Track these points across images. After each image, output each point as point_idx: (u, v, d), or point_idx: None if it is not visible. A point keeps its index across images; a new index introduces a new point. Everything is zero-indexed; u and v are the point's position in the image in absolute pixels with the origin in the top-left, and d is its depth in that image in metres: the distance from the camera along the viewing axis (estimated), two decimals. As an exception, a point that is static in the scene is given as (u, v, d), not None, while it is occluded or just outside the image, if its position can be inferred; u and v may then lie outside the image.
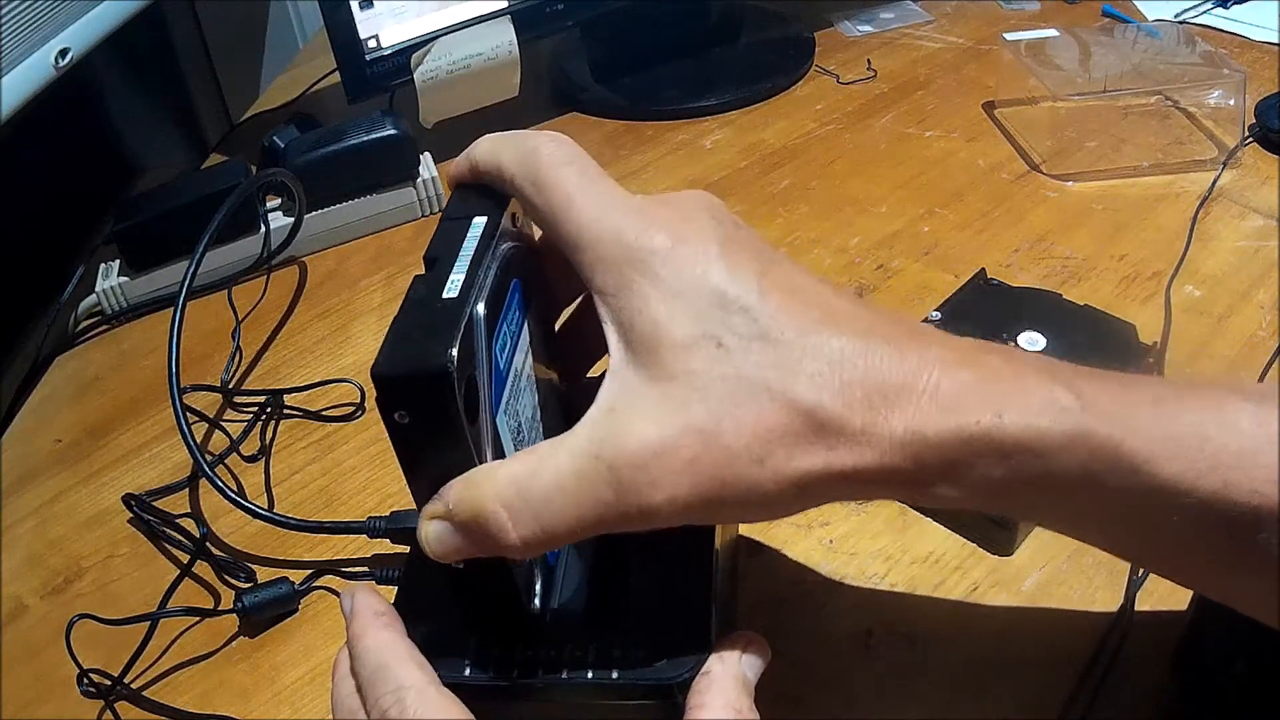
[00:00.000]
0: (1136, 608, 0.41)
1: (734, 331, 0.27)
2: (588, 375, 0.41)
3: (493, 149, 0.34)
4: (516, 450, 0.33)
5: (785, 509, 0.28)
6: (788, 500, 0.27)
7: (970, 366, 0.27)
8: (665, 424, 0.27)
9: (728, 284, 0.28)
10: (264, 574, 0.48)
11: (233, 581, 0.48)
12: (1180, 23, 0.83)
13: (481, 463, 0.30)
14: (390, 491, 0.51)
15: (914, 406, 0.26)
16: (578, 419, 0.39)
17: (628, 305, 0.28)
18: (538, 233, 0.35)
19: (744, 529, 0.46)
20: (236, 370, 0.61)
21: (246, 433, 0.56)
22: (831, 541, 0.46)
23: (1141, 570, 0.42)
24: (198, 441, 0.52)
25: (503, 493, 0.28)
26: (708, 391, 0.27)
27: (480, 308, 0.31)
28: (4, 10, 0.57)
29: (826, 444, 0.26)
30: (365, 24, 0.71)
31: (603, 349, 0.29)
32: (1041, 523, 0.30)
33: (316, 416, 0.57)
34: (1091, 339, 0.48)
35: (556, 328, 0.38)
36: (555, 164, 0.32)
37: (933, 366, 0.27)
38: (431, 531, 0.30)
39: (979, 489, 0.27)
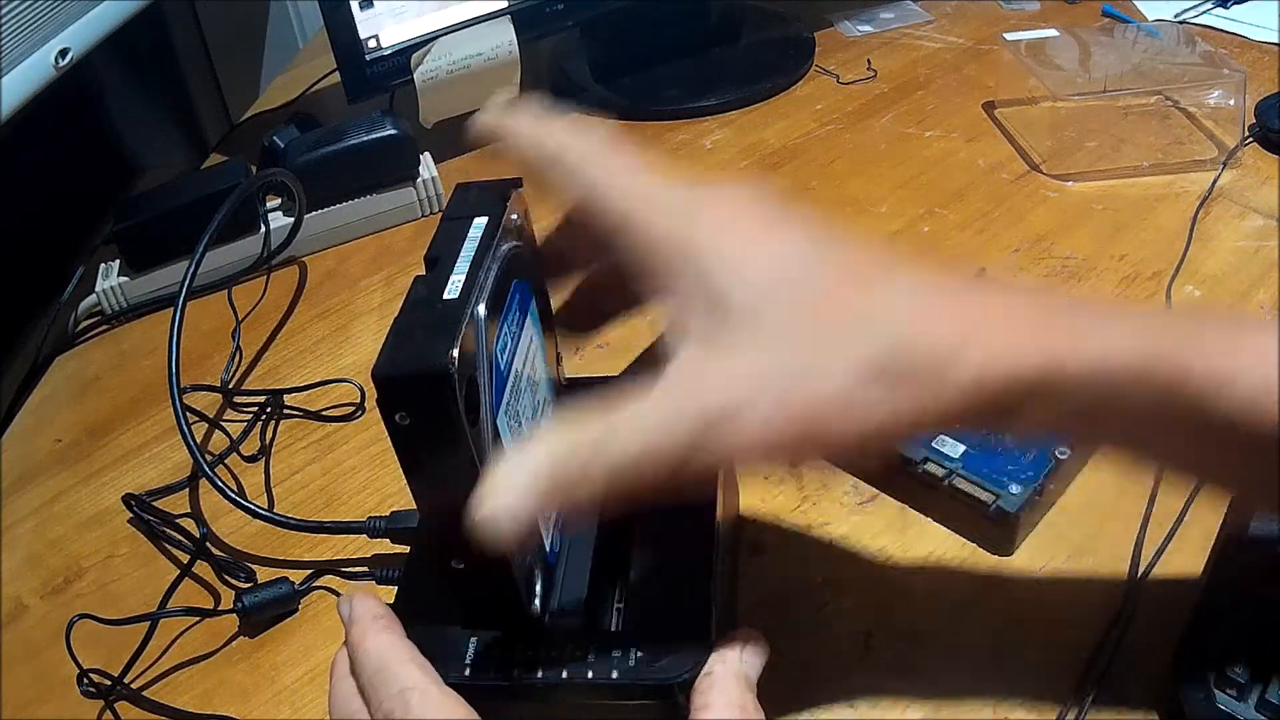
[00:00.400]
0: (1136, 607, 0.41)
1: (801, 286, 0.29)
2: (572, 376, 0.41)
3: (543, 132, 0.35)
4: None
5: (863, 451, 0.29)
6: (869, 442, 0.28)
7: (1037, 306, 0.29)
8: (750, 370, 0.28)
9: (789, 253, 0.30)
10: (264, 574, 0.48)
11: (233, 581, 0.48)
12: (1180, 23, 0.83)
13: (482, 464, 0.30)
14: (390, 491, 0.51)
15: (985, 346, 0.27)
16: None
17: (673, 302, 0.30)
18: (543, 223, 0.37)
19: (743, 530, 0.46)
20: (236, 370, 0.61)
21: (246, 433, 0.56)
22: (831, 541, 0.46)
23: (1141, 570, 0.42)
24: (198, 441, 0.52)
25: (586, 439, 0.29)
26: (785, 340, 0.28)
27: (481, 308, 0.31)
28: (4, 10, 0.57)
29: (908, 387, 0.27)
30: (365, 24, 0.71)
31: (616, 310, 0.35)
32: (1112, 450, 0.31)
33: (316, 416, 0.57)
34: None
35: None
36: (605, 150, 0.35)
37: (1000, 307, 0.29)
38: (510, 479, 0.29)
39: (1054, 421, 0.28)
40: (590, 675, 0.32)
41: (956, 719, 0.39)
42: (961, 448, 0.45)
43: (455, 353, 0.28)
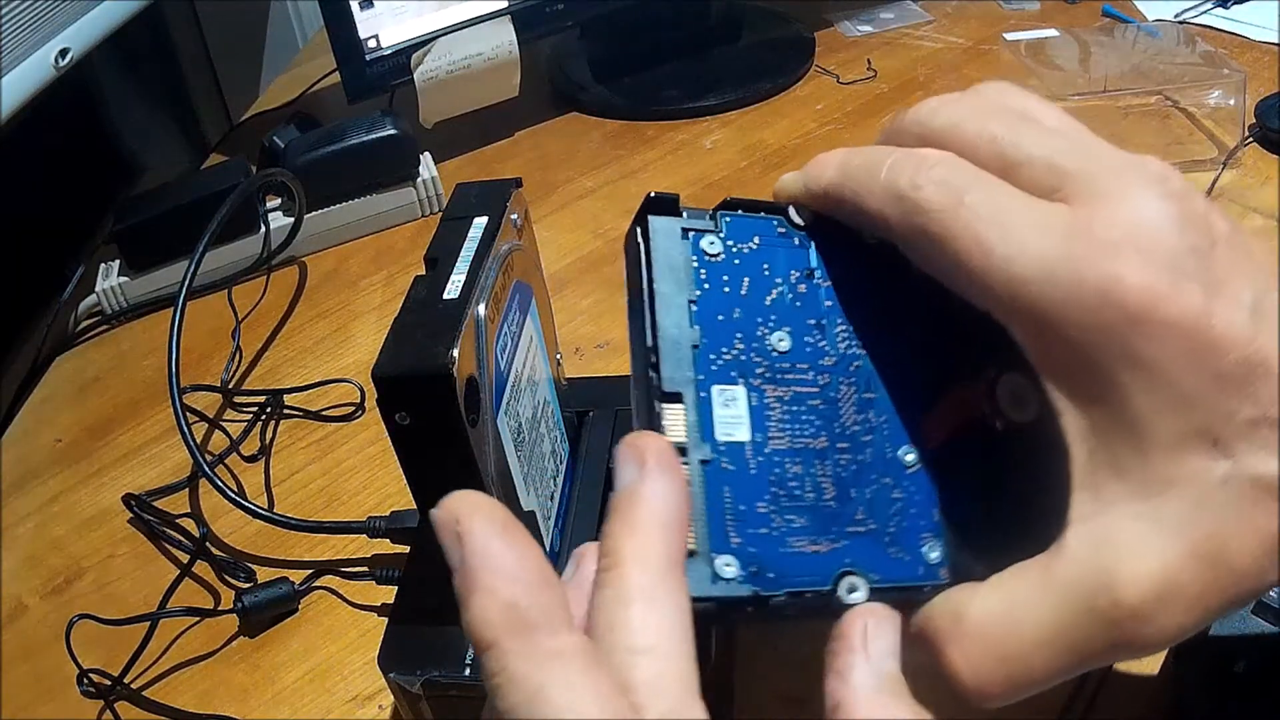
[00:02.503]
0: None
1: (1231, 419, 0.21)
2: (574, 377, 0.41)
3: (849, 182, 0.27)
4: (517, 453, 0.33)
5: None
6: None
7: None
8: (1164, 554, 0.21)
9: (1221, 355, 0.21)
10: (264, 574, 0.48)
11: (233, 581, 0.48)
12: (1180, 23, 0.83)
13: (482, 464, 0.30)
14: (390, 491, 0.51)
15: None
16: (580, 422, 0.39)
17: (1099, 395, 0.22)
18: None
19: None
20: (236, 370, 0.61)
21: (246, 433, 0.56)
22: (831, 542, 0.46)
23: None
24: (198, 441, 0.52)
25: (974, 647, 0.24)
26: (1206, 503, 0.21)
27: (481, 309, 0.31)
28: (4, 10, 0.57)
29: None
30: (365, 24, 0.71)
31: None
32: None
33: (316, 416, 0.57)
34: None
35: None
36: (950, 202, 0.24)
37: None
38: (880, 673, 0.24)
39: None
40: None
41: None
42: None
43: (455, 353, 0.28)
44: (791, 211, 0.28)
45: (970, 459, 0.25)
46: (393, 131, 0.69)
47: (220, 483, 0.48)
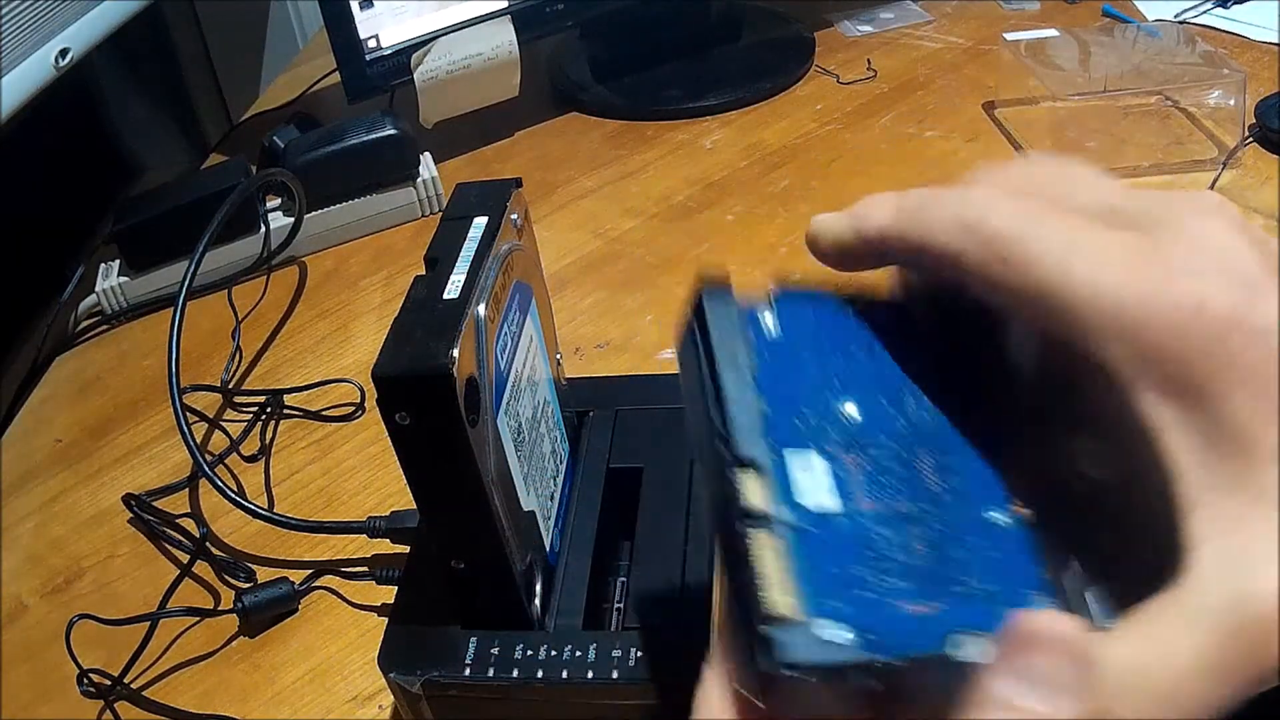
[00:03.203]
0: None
1: None
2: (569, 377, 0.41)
3: (911, 219, 0.26)
4: (517, 453, 0.33)
5: None
6: None
7: None
8: None
9: None
10: (264, 574, 0.48)
11: (233, 581, 0.48)
12: (1180, 23, 0.83)
13: (482, 465, 0.30)
14: (390, 491, 0.51)
15: None
16: (580, 422, 0.39)
17: (1201, 407, 0.22)
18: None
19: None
20: (236, 370, 0.61)
21: (246, 433, 0.56)
22: (831, 542, 0.46)
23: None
24: (198, 441, 0.52)
25: (1132, 696, 0.22)
26: None
27: (481, 309, 0.31)
28: (4, 10, 0.57)
29: None
30: (365, 24, 0.71)
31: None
32: None
33: (316, 416, 0.57)
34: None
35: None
36: (1026, 228, 0.23)
37: None
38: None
39: None
40: (590, 675, 0.32)
41: None
42: None
43: (455, 353, 0.28)
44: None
45: (1060, 512, 0.25)
46: (393, 131, 0.69)
47: (220, 483, 0.48)
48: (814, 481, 0.23)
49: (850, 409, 0.25)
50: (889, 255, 0.26)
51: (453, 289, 0.31)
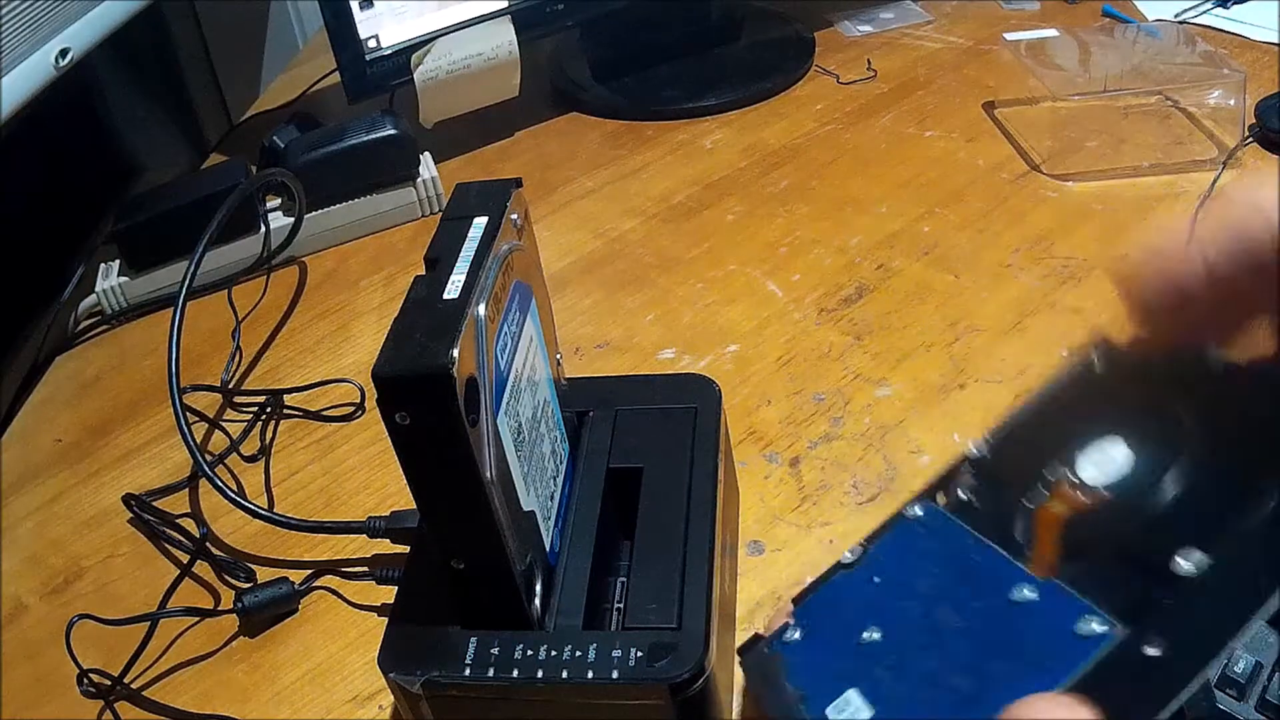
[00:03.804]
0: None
1: None
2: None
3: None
4: (517, 453, 0.33)
5: None
6: None
7: None
8: None
9: None
10: (264, 574, 0.48)
11: (233, 581, 0.48)
12: (1180, 23, 0.83)
13: (482, 465, 0.30)
14: (390, 491, 0.51)
15: None
16: (580, 422, 0.39)
17: None
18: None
19: (743, 530, 0.46)
20: (236, 370, 0.61)
21: (246, 433, 0.56)
22: (832, 541, 0.46)
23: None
24: (198, 441, 0.52)
25: None
26: None
27: (481, 309, 0.31)
28: (4, 10, 0.57)
29: None
30: (365, 24, 0.71)
31: None
32: None
33: (316, 416, 0.57)
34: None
35: None
36: None
37: None
38: None
39: None
40: (590, 675, 0.32)
41: None
42: None
43: (455, 353, 0.28)
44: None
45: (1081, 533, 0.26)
46: (393, 131, 0.69)
47: (220, 483, 0.48)
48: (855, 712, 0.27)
49: (871, 635, 0.29)
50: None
51: (453, 289, 0.31)
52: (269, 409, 0.57)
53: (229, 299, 0.64)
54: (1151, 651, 0.23)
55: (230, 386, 0.59)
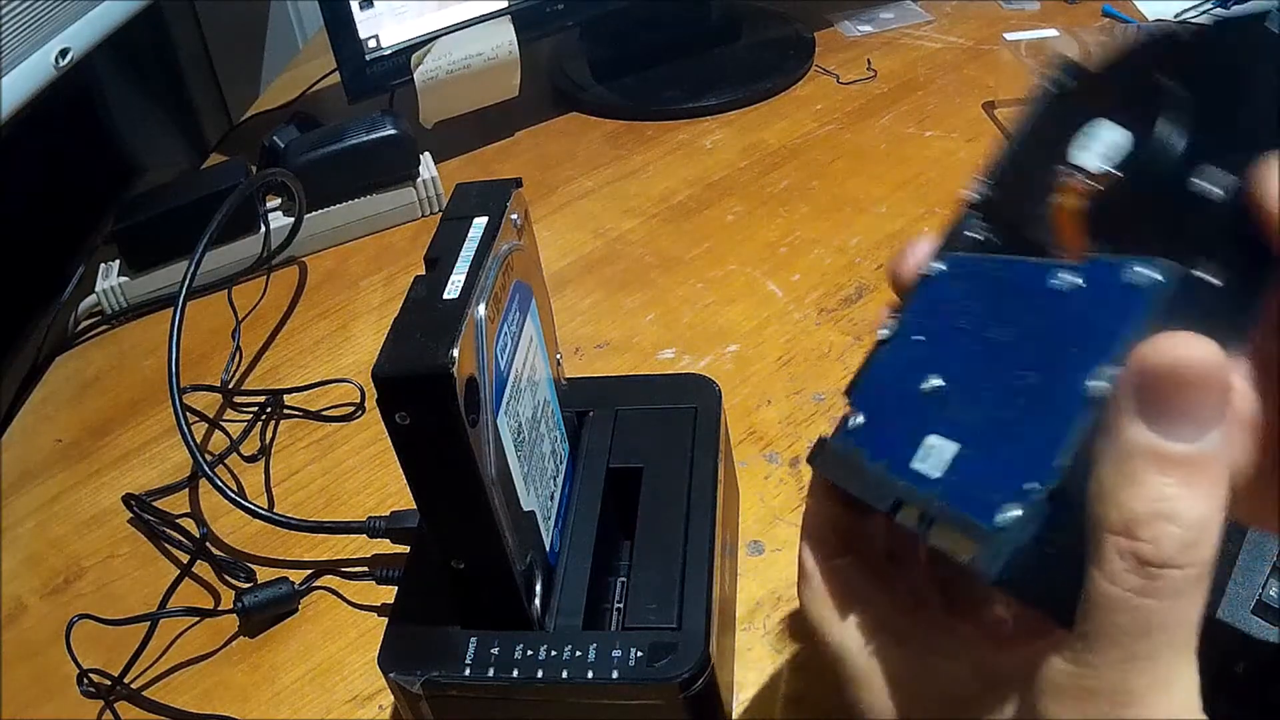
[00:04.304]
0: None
1: None
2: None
3: None
4: (517, 453, 0.33)
5: None
6: None
7: None
8: None
9: None
10: (264, 574, 0.48)
11: (233, 581, 0.48)
12: (1180, 23, 0.83)
13: (482, 465, 0.30)
14: (390, 491, 0.51)
15: None
16: (580, 422, 0.39)
17: None
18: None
19: (743, 530, 0.46)
20: (236, 370, 0.61)
21: (246, 433, 0.56)
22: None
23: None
24: (198, 441, 0.52)
25: None
26: None
27: (481, 309, 0.31)
28: (4, 10, 0.57)
29: None
30: (365, 24, 0.71)
31: None
32: None
33: (316, 416, 0.57)
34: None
35: None
36: None
37: None
38: None
39: None
40: (590, 675, 0.32)
41: (956, 719, 0.39)
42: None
43: (455, 353, 0.28)
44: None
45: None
46: (393, 131, 0.69)
47: (220, 483, 0.48)
48: (938, 454, 0.26)
49: (929, 382, 0.27)
50: None
51: (453, 289, 0.31)
52: (269, 409, 0.57)
53: (229, 299, 0.64)
54: (1212, 280, 0.22)
55: (230, 386, 0.59)
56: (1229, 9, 0.83)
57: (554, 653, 0.33)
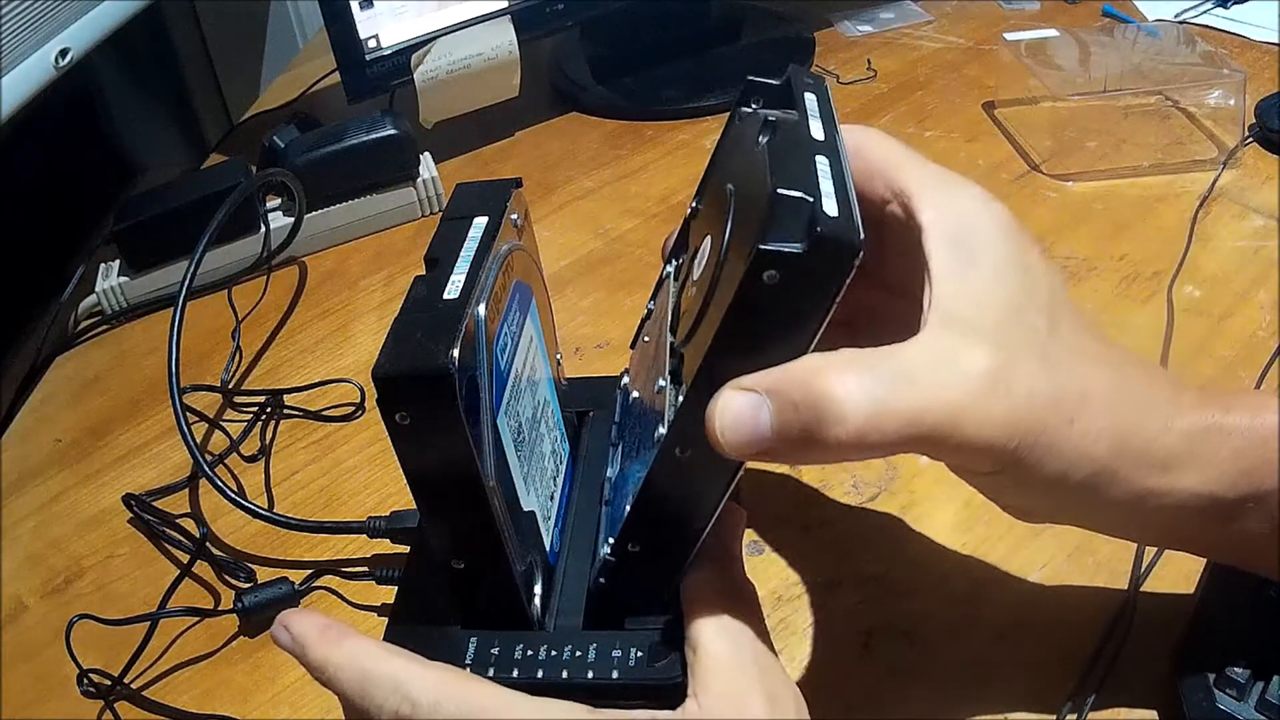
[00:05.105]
0: (1137, 607, 0.41)
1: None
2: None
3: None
4: (517, 453, 0.33)
5: None
6: None
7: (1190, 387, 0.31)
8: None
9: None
10: (264, 574, 0.48)
11: (233, 581, 0.48)
12: (1180, 23, 0.83)
13: (482, 465, 0.30)
14: (390, 491, 0.51)
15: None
16: (580, 422, 0.39)
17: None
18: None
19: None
20: (236, 370, 0.61)
21: (246, 433, 0.56)
22: (832, 541, 0.46)
23: (1142, 570, 0.42)
24: (198, 441, 0.52)
25: (847, 377, 0.27)
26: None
27: (481, 308, 0.31)
28: (4, 10, 0.57)
29: None
30: (365, 24, 0.71)
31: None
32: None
33: (316, 416, 0.57)
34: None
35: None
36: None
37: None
38: (736, 405, 0.27)
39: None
40: (590, 675, 0.32)
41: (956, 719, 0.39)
42: None
43: (455, 353, 0.28)
44: None
45: None
46: (393, 131, 0.69)
47: (220, 483, 0.48)
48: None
49: None
50: None
51: (453, 289, 0.31)
52: (269, 409, 0.57)
53: (229, 299, 0.64)
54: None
55: (230, 386, 0.59)
56: (1229, 9, 0.83)
57: (554, 653, 0.32)
